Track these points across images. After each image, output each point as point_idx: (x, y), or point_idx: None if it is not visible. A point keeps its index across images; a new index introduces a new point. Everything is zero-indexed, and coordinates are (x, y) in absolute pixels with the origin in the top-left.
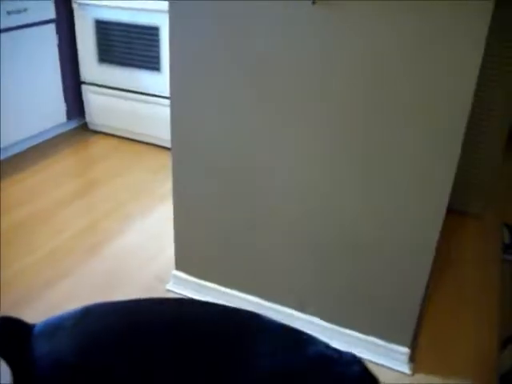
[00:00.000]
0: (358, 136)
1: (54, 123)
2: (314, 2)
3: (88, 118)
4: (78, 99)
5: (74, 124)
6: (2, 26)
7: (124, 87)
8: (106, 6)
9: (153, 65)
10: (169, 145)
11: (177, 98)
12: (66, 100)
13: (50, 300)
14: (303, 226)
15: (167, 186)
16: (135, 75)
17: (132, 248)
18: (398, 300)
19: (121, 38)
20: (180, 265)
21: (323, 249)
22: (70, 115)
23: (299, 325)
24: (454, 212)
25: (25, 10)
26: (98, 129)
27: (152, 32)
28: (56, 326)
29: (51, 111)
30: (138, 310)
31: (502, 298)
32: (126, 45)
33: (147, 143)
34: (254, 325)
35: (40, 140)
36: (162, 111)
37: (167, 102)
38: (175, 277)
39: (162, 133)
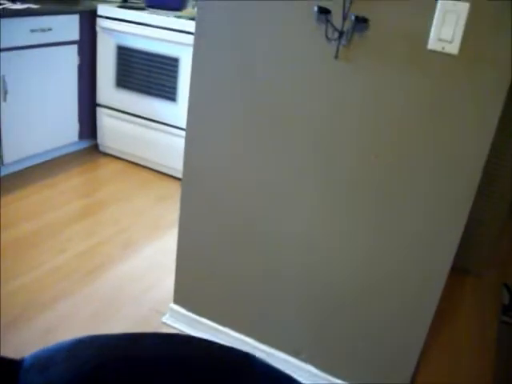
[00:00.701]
0: (366, 195)
1: (65, 142)
2: (336, 57)
3: (99, 140)
4: (91, 120)
5: (85, 144)
6: (25, 43)
7: (138, 113)
8: (129, 33)
9: (169, 95)
10: (176, 174)
11: (192, 135)
12: (80, 120)
13: (45, 321)
14: (304, 276)
15: (172, 215)
16: (151, 103)
17: (131, 275)
18: (393, 356)
19: (140, 65)
20: (178, 298)
21: (323, 300)
22: (82, 135)
23: (293, 370)
24: (455, 269)
25: (49, 29)
26: (108, 151)
27: (172, 63)
28: (48, 359)
29: (64, 129)
30: (132, 344)
31: (497, 364)
32: (145, 72)
33: (155, 170)
34: (246, 366)
35: (51, 157)
36: (173, 141)
37: (179, 132)
38: (172, 310)
39: (171, 161)
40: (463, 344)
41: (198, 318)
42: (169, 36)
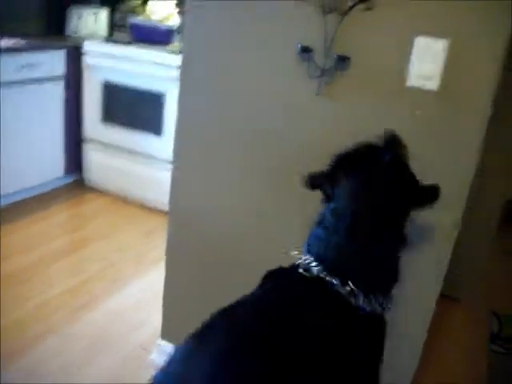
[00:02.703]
0: None
1: (51, 177)
2: (318, 94)
3: (85, 175)
4: (77, 155)
5: (70, 179)
6: (12, 79)
7: (124, 148)
8: (115, 69)
9: (155, 129)
10: (163, 207)
11: (177, 174)
12: (66, 155)
13: (32, 358)
14: None
15: (159, 250)
16: (137, 137)
17: (118, 312)
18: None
19: (126, 99)
20: (166, 334)
21: None
22: (68, 170)
23: None
24: (443, 297)
25: (36, 65)
26: (94, 186)
27: (158, 97)
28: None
29: (50, 164)
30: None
31: None
32: (131, 107)
33: (142, 204)
34: None
35: (37, 192)
36: (160, 175)
37: (166, 165)
38: (159, 346)
39: (157, 195)
40: (454, 373)
41: None
42: (155, 71)
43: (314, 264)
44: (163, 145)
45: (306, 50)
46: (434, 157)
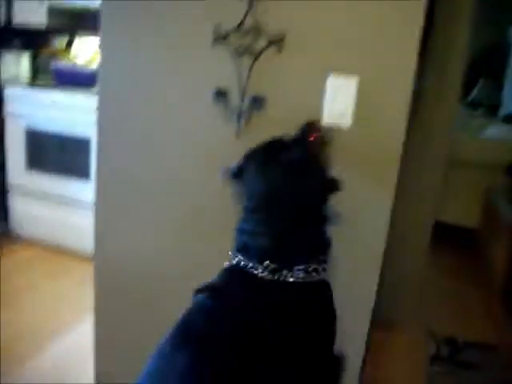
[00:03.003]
0: None
1: None
2: (237, 136)
3: (12, 225)
4: (1, 205)
5: None
6: None
7: (52, 195)
8: (38, 115)
9: (82, 174)
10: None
11: (101, 228)
12: None
13: None
14: None
15: (90, 300)
16: (64, 183)
17: (52, 365)
18: None
19: (52, 145)
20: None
21: None
22: None
23: None
24: (379, 322)
25: None
26: (22, 236)
27: (83, 141)
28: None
29: None
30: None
31: None
32: (57, 152)
33: (72, 253)
34: None
35: None
36: (90, 221)
37: None
38: None
39: (88, 243)
40: None
41: None
42: (79, 115)
43: (236, 255)
44: (91, 190)
45: (220, 93)
46: (353, 192)
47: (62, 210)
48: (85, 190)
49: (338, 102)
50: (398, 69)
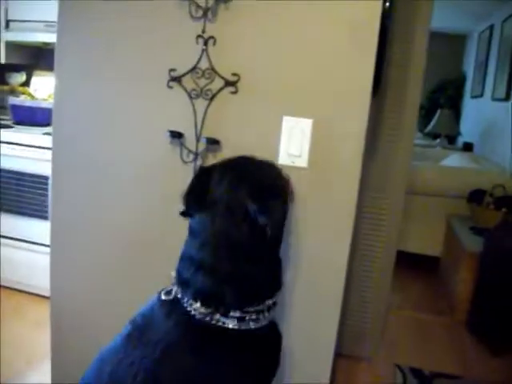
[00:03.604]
0: None
1: None
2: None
3: None
4: None
5: None
6: None
7: (8, 235)
8: None
9: (41, 213)
10: None
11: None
12: None
13: None
14: None
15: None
16: (22, 223)
17: None
18: None
19: (8, 184)
20: None
21: None
22: None
23: None
24: (346, 356)
25: None
26: None
27: (41, 180)
28: None
29: None
30: None
31: None
32: (14, 192)
33: (30, 293)
34: None
35: None
36: (47, 260)
37: None
38: None
39: (47, 283)
40: None
41: None
42: (37, 154)
43: (175, 284)
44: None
45: (176, 135)
46: (310, 232)
47: (18, 250)
48: (43, 231)
49: (293, 143)
50: (352, 109)
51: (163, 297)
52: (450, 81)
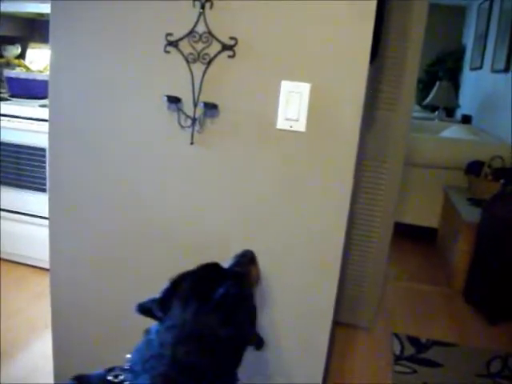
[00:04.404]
0: None
1: None
2: (192, 143)
3: None
4: None
5: None
6: None
7: (8, 208)
8: None
9: (40, 186)
10: None
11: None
12: None
13: None
14: None
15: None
16: (21, 196)
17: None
18: None
19: (6, 157)
20: None
21: None
22: None
23: None
24: (344, 325)
25: None
26: None
27: (39, 153)
28: None
29: None
30: None
31: None
32: (12, 165)
33: (31, 266)
34: None
35: None
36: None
37: None
38: None
39: (47, 254)
40: None
41: None
42: (34, 126)
43: (122, 372)
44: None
45: (173, 101)
46: (308, 195)
47: (19, 222)
48: (42, 203)
49: (291, 107)
50: (350, 75)
51: (109, 377)
52: (449, 53)
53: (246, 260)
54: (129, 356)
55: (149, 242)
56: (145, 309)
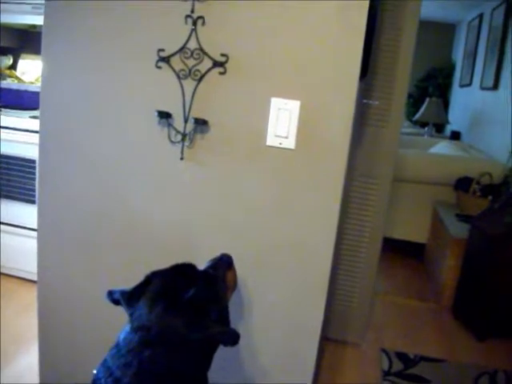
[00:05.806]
0: None
1: None
2: (182, 158)
3: None
4: None
5: None
6: None
7: None
8: None
9: (29, 197)
10: None
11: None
12: None
13: None
14: None
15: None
16: (10, 207)
17: None
18: None
19: None
20: None
21: None
22: None
23: None
24: (332, 341)
25: None
26: None
27: (29, 164)
28: None
29: None
30: None
31: None
32: (2, 176)
33: (19, 277)
34: None
35: None
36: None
37: None
38: None
39: (35, 267)
40: None
41: None
42: (24, 137)
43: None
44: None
45: (164, 116)
46: (298, 212)
47: (7, 234)
48: (31, 215)
49: (281, 124)
50: (340, 92)
51: None
52: (439, 69)
53: (223, 263)
54: (94, 372)
55: (138, 255)
56: (114, 299)
